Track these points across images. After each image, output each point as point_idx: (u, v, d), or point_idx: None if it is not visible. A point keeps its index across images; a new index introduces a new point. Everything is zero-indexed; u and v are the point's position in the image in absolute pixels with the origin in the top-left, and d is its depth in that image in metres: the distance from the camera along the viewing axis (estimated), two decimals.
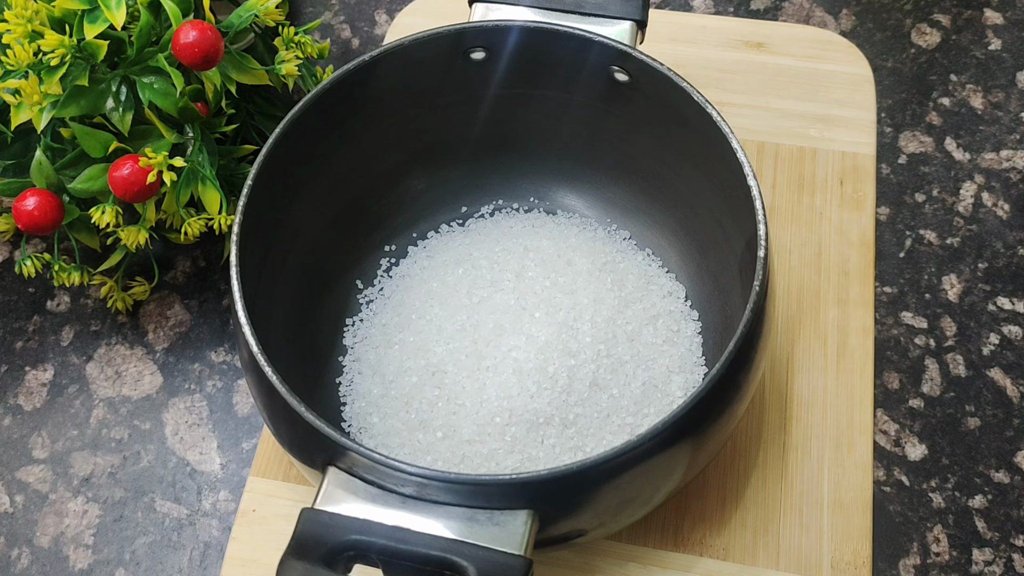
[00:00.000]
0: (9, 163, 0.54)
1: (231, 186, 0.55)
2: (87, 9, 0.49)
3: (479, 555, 0.36)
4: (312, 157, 0.48)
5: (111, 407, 0.55)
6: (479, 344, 0.48)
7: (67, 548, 0.51)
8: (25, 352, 0.57)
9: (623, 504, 0.40)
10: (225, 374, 0.55)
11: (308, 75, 0.57)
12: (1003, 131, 0.61)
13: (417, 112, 0.52)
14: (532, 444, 0.46)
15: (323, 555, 0.36)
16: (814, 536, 0.48)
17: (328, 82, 0.46)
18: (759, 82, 0.62)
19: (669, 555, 0.48)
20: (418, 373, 0.48)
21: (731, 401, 0.41)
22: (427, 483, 0.37)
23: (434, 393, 0.48)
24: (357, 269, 0.54)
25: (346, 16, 0.69)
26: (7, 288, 0.59)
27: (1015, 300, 0.55)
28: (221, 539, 0.50)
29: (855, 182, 0.58)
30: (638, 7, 0.49)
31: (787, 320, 0.54)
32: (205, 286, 0.58)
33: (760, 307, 0.40)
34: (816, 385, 0.52)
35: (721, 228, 0.48)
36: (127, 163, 0.49)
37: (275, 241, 0.47)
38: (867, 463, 0.50)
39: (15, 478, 0.53)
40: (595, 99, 0.50)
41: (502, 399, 0.46)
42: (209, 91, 0.52)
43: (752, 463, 0.50)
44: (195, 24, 0.49)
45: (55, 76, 0.48)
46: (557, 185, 0.56)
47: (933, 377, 0.53)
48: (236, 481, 0.52)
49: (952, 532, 0.49)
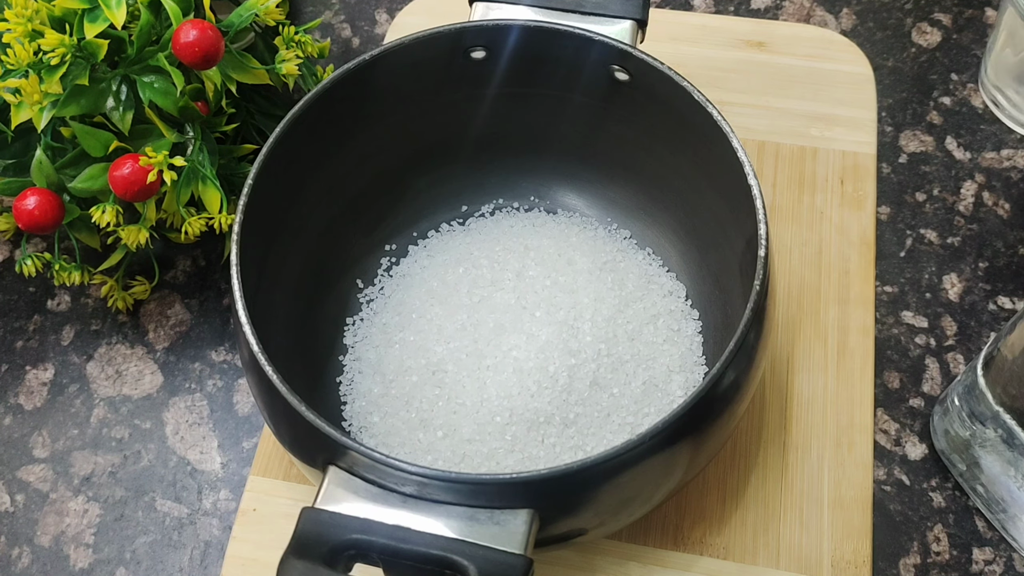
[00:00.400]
0: (9, 162, 0.54)
1: (231, 185, 0.55)
2: (87, 8, 0.49)
3: (480, 554, 0.36)
4: (312, 156, 0.48)
5: (111, 406, 0.55)
6: (479, 343, 0.48)
7: (68, 547, 0.51)
8: (25, 351, 0.57)
9: (623, 503, 0.40)
10: (225, 373, 0.55)
11: (308, 74, 0.57)
12: (1003, 130, 0.61)
13: (417, 111, 0.52)
14: (532, 443, 0.46)
15: (324, 554, 0.36)
16: (814, 535, 0.48)
17: (328, 81, 0.46)
18: (759, 81, 0.62)
19: (669, 554, 0.48)
20: (418, 372, 0.48)
21: (731, 401, 0.41)
22: (428, 482, 0.37)
23: (434, 392, 0.48)
24: (357, 268, 0.54)
25: (346, 15, 0.69)
26: (7, 287, 0.59)
27: (1016, 299, 0.55)
28: (222, 538, 0.50)
29: (856, 181, 0.58)
30: (638, 6, 0.49)
31: (787, 320, 0.54)
32: (205, 285, 0.58)
33: (760, 306, 0.40)
34: (816, 384, 0.52)
35: (721, 227, 0.48)
36: (127, 162, 0.49)
37: (276, 240, 0.47)
38: (867, 462, 0.50)
39: (16, 477, 0.53)
40: (595, 98, 0.50)
41: (502, 398, 0.46)
42: (209, 90, 0.52)
43: (752, 462, 0.50)
44: (195, 23, 0.49)
45: (55, 75, 0.48)
46: (557, 184, 0.56)
47: (933, 376, 0.53)
48: (237, 480, 0.52)
49: (952, 531, 0.49)
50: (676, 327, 0.50)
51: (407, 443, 0.47)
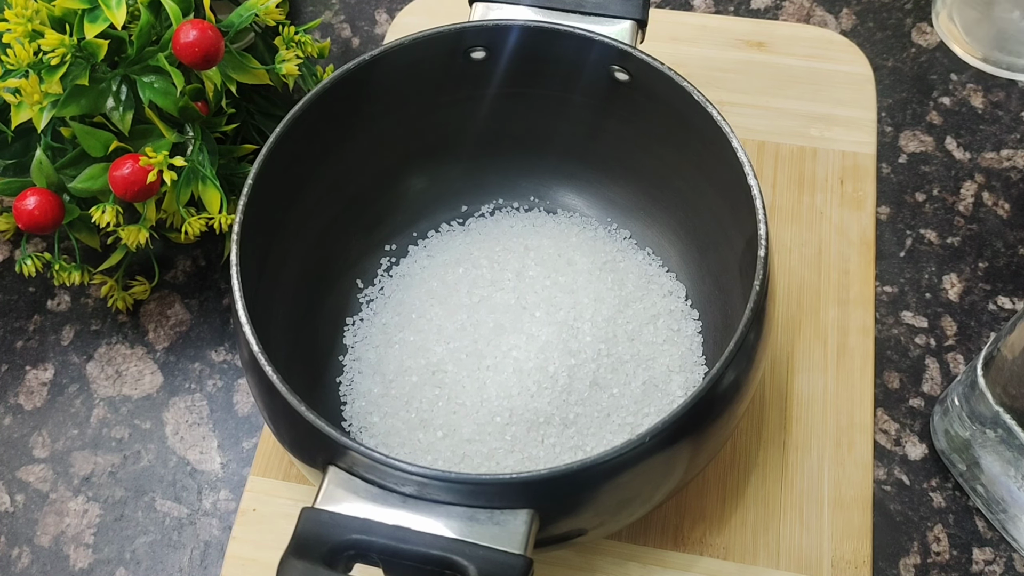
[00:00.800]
0: (9, 162, 0.54)
1: (231, 185, 0.55)
2: (87, 8, 0.49)
3: (480, 554, 0.36)
4: (312, 156, 0.48)
5: (111, 406, 0.55)
6: (479, 343, 0.48)
7: (67, 547, 0.51)
8: (25, 351, 0.57)
9: (623, 503, 0.40)
10: (225, 373, 0.55)
11: (308, 74, 0.57)
12: (1003, 130, 0.61)
13: (417, 111, 0.52)
14: (532, 443, 0.46)
15: (323, 554, 0.36)
16: (814, 535, 0.48)
17: (328, 81, 0.46)
18: (759, 81, 0.62)
19: (669, 554, 0.48)
20: (418, 372, 0.48)
21: (731, 401, 0.41)
22: (427, 482, 0.37)
23: (434, 392, 0.48)
24: (357, 268, 0.54)
25: (346, 15, 0.69)
26: (7, 288, 0.59)
27: (1016, 299, 0.55)
28: (221, 538, 0.50)
29: (855, 181, 0.58)
30: (638, 6, 0.49)
31: (787, 320, 0.54)
32: (205, 285, 0.58)
33: (760, 306, 0.40)
34: (816, 385, 0.52)
35: (721, 227, 0.48)
36: (127, 162, 0.49)
37: (275, 240, 0.47)
38: (867, 462, 0.50)
39: (15, 477, 0.53)
40: (595, 98, 0.50)
41: (502, 398, 0.46)
42: (209, 90, 0.52)
43: (752, 462, 0.50)
44: (195, 23, 0.49)
45: (55, 75, 0.48)
46: (557, 184, 0.56)
47: (933, 376, 0.53)
48: (236, 480, 0.52)
49: (952, 531, 0.49)
50: (676, 327, 0.50)
51: (407, 443, 0.47)
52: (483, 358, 0.48)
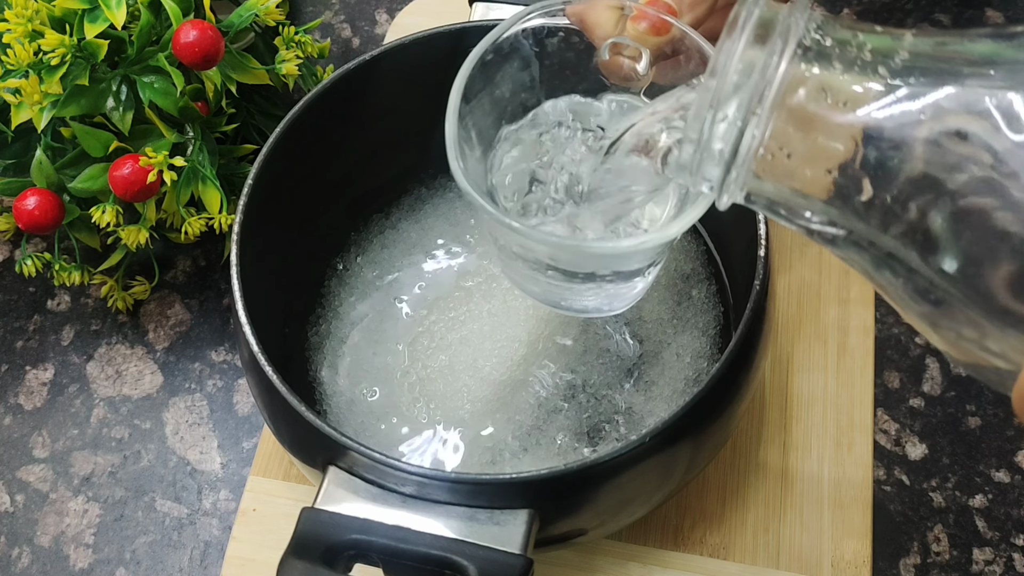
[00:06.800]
0: (9, 162, 0.54)
1: (231, 185, 0.55)
2: (87, 8, 0.49)
3: (480, 554, 0.36)
4: (312, 156, 0.48)
5: (111, 406, 0.55)
6: (479, 343, 0.48)
7: (67, 547, 0.51)
8: (25, 351, 0.57)
9: (623, 503, 0.40)
10: (225, 373, 0.55)
11: (308, 74, 0.57)
12: None
13: (417, 111, 0.51)
14: (532, 443, 0.46)
15: (323, 554, 0.36)
16: (814, 535, 0.48)
17: (328, 81, 0.46)
18: None
19: (669, 554, 0.48)
20: (418, 373, 0.48)
21: (731, 401, 0.41)
22: (427, 482, 0.37)
23: (434, 392, 0.48)
24: (357, 268, 0.54)
25: (346, 15, 0.69)
26: (7, 288, 0.59)
27: None
28: (221, 538, 0.50)
29: None
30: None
31: (787, 320, 0.54)
32: (205, 285, 0.58)
33: (760, 306, 0.40)
34: (816, 384, 0.52)
35: (722, 227, 0.48)
36: (127, 162, 0.49)
37: (275, 240, 0.47)
38: (867, 462, 0.50)
39: (15, 477, 0.53)
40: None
41: (502, 398, 0.46)
42: (209, 90, 0.52)
43: (752, 463, 0.50)
44: (195, 24, 0.49)
45: (55, 75, 0.48)
46: None
47: (934, 376, 0.53)
48: (236, 480, 0.52)
49: (952, 531, 0.49)
50: (676, 327, 0.50)
51: (407, 443, 0.47)
52: (483, 358, 0.48)
